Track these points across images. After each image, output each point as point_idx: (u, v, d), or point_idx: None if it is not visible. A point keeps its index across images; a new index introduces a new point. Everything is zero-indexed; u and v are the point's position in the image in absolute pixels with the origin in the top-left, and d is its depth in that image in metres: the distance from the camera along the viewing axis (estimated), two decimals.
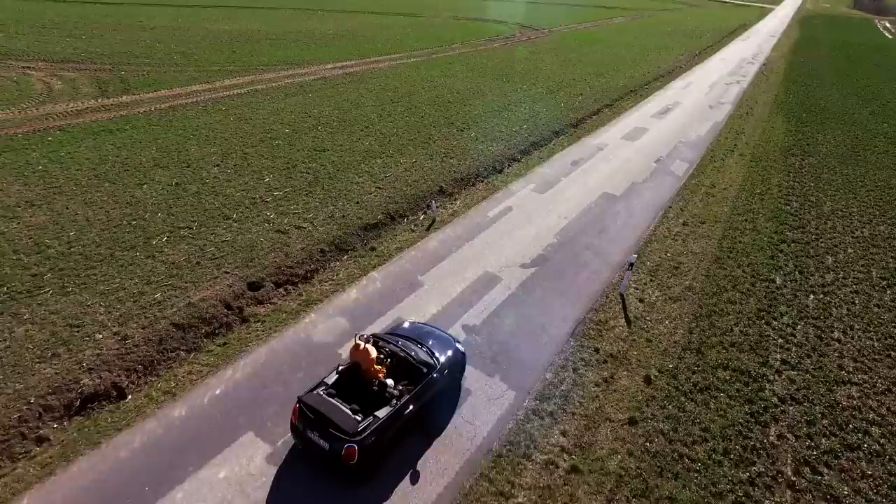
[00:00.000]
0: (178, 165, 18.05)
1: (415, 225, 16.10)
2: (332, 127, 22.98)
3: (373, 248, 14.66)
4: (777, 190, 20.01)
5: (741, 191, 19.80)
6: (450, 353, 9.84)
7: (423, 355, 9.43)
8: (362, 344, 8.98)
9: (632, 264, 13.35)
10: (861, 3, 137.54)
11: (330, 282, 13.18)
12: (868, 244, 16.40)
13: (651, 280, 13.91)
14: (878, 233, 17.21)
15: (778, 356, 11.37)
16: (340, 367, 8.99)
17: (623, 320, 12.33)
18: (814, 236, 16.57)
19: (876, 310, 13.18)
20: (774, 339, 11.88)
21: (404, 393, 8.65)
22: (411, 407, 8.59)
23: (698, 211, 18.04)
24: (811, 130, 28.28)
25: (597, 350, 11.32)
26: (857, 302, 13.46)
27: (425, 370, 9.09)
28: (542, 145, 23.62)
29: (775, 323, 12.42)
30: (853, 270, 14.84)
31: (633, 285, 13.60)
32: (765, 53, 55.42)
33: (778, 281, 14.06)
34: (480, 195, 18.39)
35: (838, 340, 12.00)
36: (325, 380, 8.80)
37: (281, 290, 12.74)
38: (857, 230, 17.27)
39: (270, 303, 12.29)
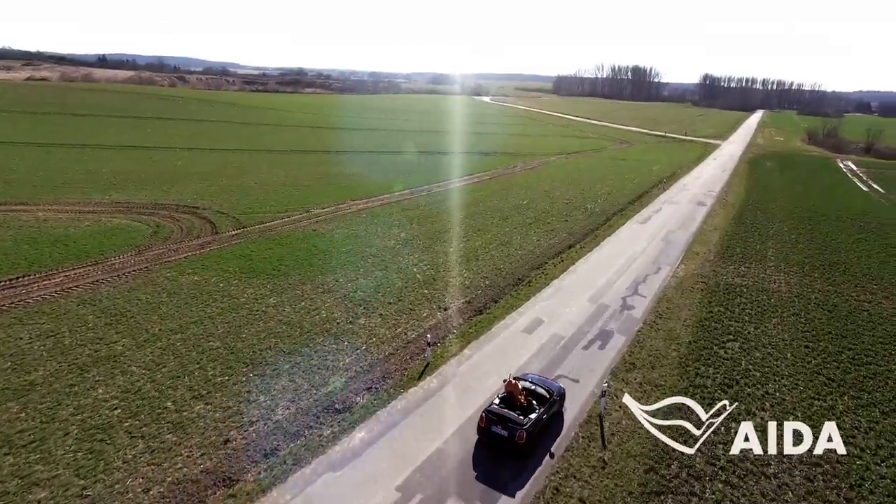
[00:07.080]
0: None
1: None
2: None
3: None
4: None
5: None
6: (556, 390, 16.37)
7: (544, 389, 15.98)
8: (512, 380, 15.57)
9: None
10: (816, 139, 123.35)
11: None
12: None
13: None
14: None
15: None
16: (500, 395, 15.48)
17: None
18: None
19: None
20: None
21: (540, 408, 15.10)
22: (545, 417, 15.03)
23: None
24: None
25: None
26: None
27: (548, 396, 15.66)
28: None
29: None
30: None
31: None
32: (667, 267, 29.80)
33: None
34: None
35: None
36: (493, 401, 15.28)
37: None
38: None
39: None
